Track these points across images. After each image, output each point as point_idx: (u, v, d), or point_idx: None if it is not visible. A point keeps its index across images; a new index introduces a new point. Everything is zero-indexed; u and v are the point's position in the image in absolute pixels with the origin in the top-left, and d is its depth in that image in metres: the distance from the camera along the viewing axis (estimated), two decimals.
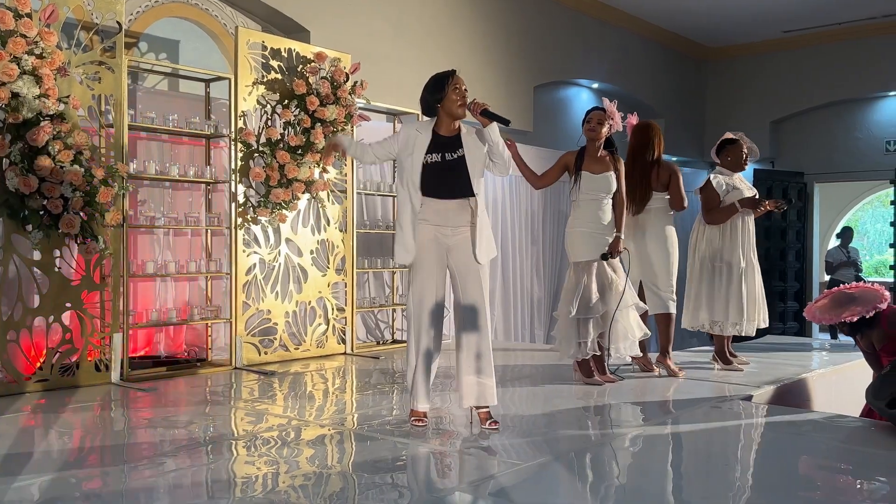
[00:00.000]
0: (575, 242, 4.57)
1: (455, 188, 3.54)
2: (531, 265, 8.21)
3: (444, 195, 3.53)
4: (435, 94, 3.56)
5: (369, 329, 6.49)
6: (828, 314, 4.06)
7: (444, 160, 3.52)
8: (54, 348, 4.38)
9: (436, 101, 3.56)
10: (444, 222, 3.53)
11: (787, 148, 11.24)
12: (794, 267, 11.03)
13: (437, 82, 3.57)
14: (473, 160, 3.55)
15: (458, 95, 3.53)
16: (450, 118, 3.58)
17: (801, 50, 10.69)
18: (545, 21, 8.71)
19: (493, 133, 3.52)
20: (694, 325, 5.28)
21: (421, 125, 3.62)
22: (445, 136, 3.57)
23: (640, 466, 3.27)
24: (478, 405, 3.57)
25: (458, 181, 3.54)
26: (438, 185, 3.52)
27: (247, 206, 5.22)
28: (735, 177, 5.27)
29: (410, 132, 3.60)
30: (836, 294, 4.19)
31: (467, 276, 3.56)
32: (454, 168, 3.53)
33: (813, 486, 3.05)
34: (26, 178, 4.07)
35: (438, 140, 3.55)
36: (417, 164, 3.51)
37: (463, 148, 3.55)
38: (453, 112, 3.55)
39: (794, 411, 4.25)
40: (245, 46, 5.25)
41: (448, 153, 3.54)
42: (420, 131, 3.58)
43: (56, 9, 4.26)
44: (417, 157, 3.52)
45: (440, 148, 3.54)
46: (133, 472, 3.01)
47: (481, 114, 3.50)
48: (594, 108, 4.66)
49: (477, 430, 3.52)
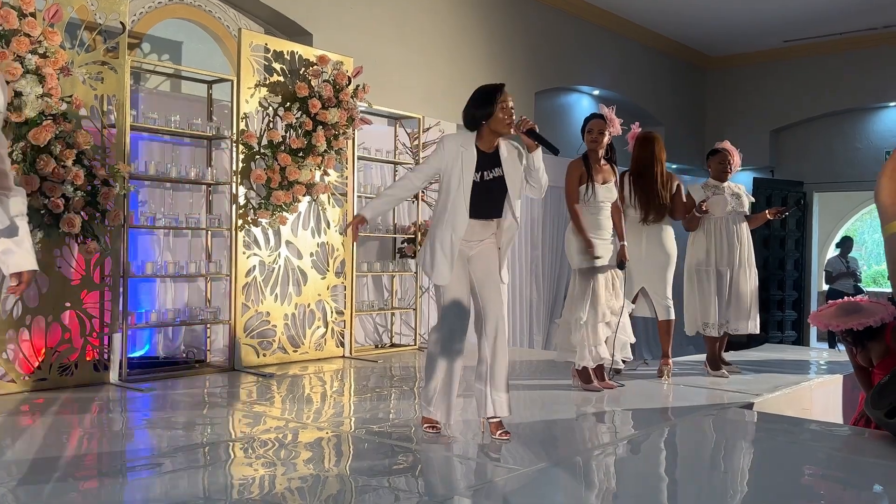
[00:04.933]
0: (580, 249, 4.56)
1: (492, 209, 3.43)
2: (530, 271, 8.21)
3: (482, 216, 3.42)
4: (483, 109, 3.39)
5: (367, 333, 6.49)
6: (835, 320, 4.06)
7: (483, 179, 3.40)
8: (53, 348, 4.38)
9: (483, 117, 3.39)
10: (470, 237, 3.43)
11: (787, 157, 11.27)
12: (793, 276, 11.04)
13: (485, 96, 3.40)
14: (513, 181, 3.42)
15: (506, 114, 3.36)
16: (494, 136, 3.42)
17: (801, 59, 10.72)
18: (547, 27, 8.73)
19: (537, 159, 3.41)
20: (690, 330, 5.36)
21: (464, 140, 3.44)
22: (485, 153, 3.42)
23: (639, 473, 3.27)
24: (490, 416, 3.46)
25: (496, 201, 3.42)
26: (481, 205, 3.39)
27: (247, 207, 5.22)
28: (725, 185, 5.32)
29: (456, 147, 3.40)
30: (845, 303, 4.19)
31: (485, 285, 3.45)
32: (492, 189, 3.40)
33: (810, 494, 3.05)
34: (28, 177, 4.08)
35: (481, 157, 3.40)
36: (468, 184, 3.35)
37: (501, 167, 3.42)
38: (500, 130, 3.40)
39: (793, 420, 4.25)
40: (248, 49, 5.26)
41: (487, 171, 3.40)
42: (465, 147, 3.40)
43: (60, 8, 4.27)
44: (468, 175, 3.35)
45: (481, 166, 3.39)
46: (130, 473, 3.01)
47: (527, 133, 3.37)
48: (593, 117, 4.66)
49: (488, 440, 3.45)
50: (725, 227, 5.25)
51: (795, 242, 11.07)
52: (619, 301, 4.66)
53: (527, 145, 3.42)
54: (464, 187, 3.36)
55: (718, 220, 5.25)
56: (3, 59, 4.00)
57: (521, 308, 8.09)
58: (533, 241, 8.24)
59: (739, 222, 5.29)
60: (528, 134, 3.37)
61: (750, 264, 5.29)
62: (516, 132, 3.39)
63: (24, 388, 4.26)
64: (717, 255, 5.22)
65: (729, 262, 5.20)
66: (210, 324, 5.25)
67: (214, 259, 5.36)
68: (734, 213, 5.27)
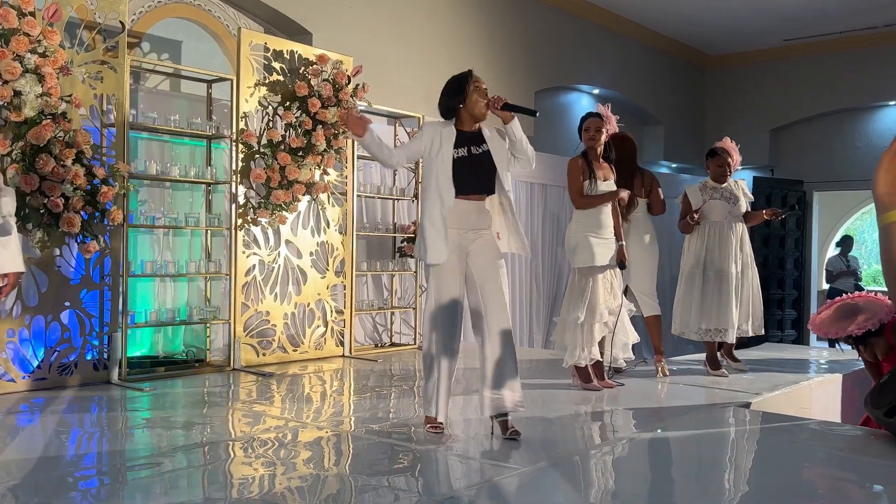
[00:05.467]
0: (582, 248, 4.54)
1: (484, 183, 3.47)
2: (529, 269, 8.21)
3: (474, 191, 3.45)
4: (456, 96, 3.48)
5: (367, 332, 6.49)
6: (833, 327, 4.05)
7: (471, 153, 3.44)
8: (53, 347, 4.38)
9: (457, 104, 3.48)
10: (467, 226, 3.44)
11: (787, 156, 11.26)
12: (793, 275, 11.04)
13: (456, 84, 3.49)
14: (498, 155, 3.48)
15: (480, 95, 3.45)
16: (472, 119, 3.50)
17: (801, 59, 10.72)
18: (547, 26, 8.73)
19: (515, 129, 3.46)
20: (681, 331, 5.37)
21: (443, 123, 3.53)
22: (466, 132, 3.50)
23: (638, 473, 3.27)
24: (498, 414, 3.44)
25: (486, 176, 3.47)
26: (468, 180, 3.43)
27: (247, 207, 5.22)
28: (725, 185, 5.31)
29: (434, 128, 3.49)
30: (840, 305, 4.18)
31: (486, 279, 3.43)
32: (482, 162, 3.45)
33: (810, 494, 3.05)
34: (27, 176, 4.08)
35: (463, 135, 3.48)
36: (448, 159, 3.41)
37: (487, 143, 3.48)
38: (476, 113, 3.47)
39: (792, 419, 4.25)
40: (247, 48, 5.26)
41: (473, 146, 3.46)
42: (443, 126, 3.49)
43: (59, 8, 4.27)
44: (447, 151, 3.42)
45: (465, 142, 3.45)
46: (130, 472, 3.01)
47: (502, 108, 3.42)
48: (590, 116, 4.66)
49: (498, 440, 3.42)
50: (722, 231, 5.22)
51: (795, 241, 11.07)
52: (616, 301, 4.65)
53: (503, 119, 3.46)
54: (445, 163, 3.40)
55: (714, 225, 5.24)
56: (3, 58, 4.00)
57: (521, 307, 8.09)
58: (532, 238, 8.24)
59: (737, 226, 5.24)
60: (504, 108, 3.42)
61: (752, 267, 5.27)
62: (493, 111, 3.44)
63: (23, 387, 4.26)
64: (713, 258, 5.20)
65: (727, 265, 5.16)
66: (210, 323, 5.25)
67: (214, 258, 5.36)
68: (730, 218, 5.24)
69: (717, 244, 5.21)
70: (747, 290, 5.23)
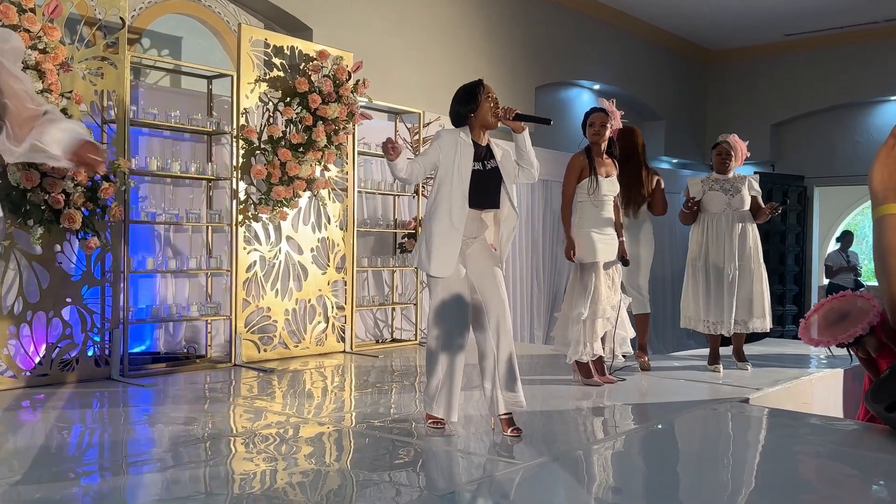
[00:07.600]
0: (585, 243, 4.55)
1: (492, 198, 3.48)
2: (530, 265, 8.21)
3: (483, 205, 3.46)
4: (467, 105, 3.47)
5: (368, 328, 6.50)
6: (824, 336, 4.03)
7: (484, 168, 3.45)
8: (54, 343, 4.39)
9: (468, 112, 3.47)
10: (467, 234, 3.45)
11: (788, 151, 11.25)
12: (794, 271, 11.04)
13: (468, 93, 3.48)
14: (506, 170, 3.48)
15: (492, 103, 3.45)
16: (482, 128, 3.49)
17: (802, 53, 10.70)
18: (547, 22, 8.72)
19: (526, 141, 3.46)
20: (688, 324, 5.41)
21: (461, 132, 3.49)
22: (480, 145, 3.48)
23: (638, 468, 3.28)
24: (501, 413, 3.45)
25: (494, 190, 3.47)
26: (477, 194, 3.42)
27: (248, 203, 5.22)
28: (727, 178, 5.29)
29: (453, 137, 3.44)
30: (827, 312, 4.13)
31: (484, 279, 3.45)
32: (492, 177, 3.46)
33: (810, 489, 3.06)
34: (28, 172, 4.08)
35: (479, 149, 3.47)
36: (466, 173, 3.39)
37: (495, 158, 3.49)
38: (487, 122, 3.46)
39: (792, 414, 4.25)
40: (248, 44, 5.26)
41: (485, 161, 3.46)
42: (462, 138, 3.45)
43: (60, 4, 4.27)
44: (466, 165, 3.39)
45: (479, 156, 3.45)
46: (132, 468, 3.02)
47: (515, 118, 3.41)
48: (595, 111, 4.66)
49: (490, 436, 3.45)
50: (721, 223, 5.20)
51: (796, 237, 11.07)
52: (617, 296, 4.67)
53: (514, 129, 3.45)
54: (463, 177, 3.38)
55: (713, 217, 5.23)
56: None
57: (522, 302, 8.09)
58: (533, 234, 8.24)
59: (738, 219, 5.19)
60: (516, 118, 3.41)
61: (755, 261, 5.21)
62: (503, 121, 3.43)
63: (24, 383, 4.27)
64: (710, 251, 5.20)
65: (727, 258, 5.13)
66: (211, 319, 5.26)
67: (215, 254, 5.36)
68: (730, 210, 5.20)
69: (714, 237, 5.21)
70: (748, 285, 5.18)
